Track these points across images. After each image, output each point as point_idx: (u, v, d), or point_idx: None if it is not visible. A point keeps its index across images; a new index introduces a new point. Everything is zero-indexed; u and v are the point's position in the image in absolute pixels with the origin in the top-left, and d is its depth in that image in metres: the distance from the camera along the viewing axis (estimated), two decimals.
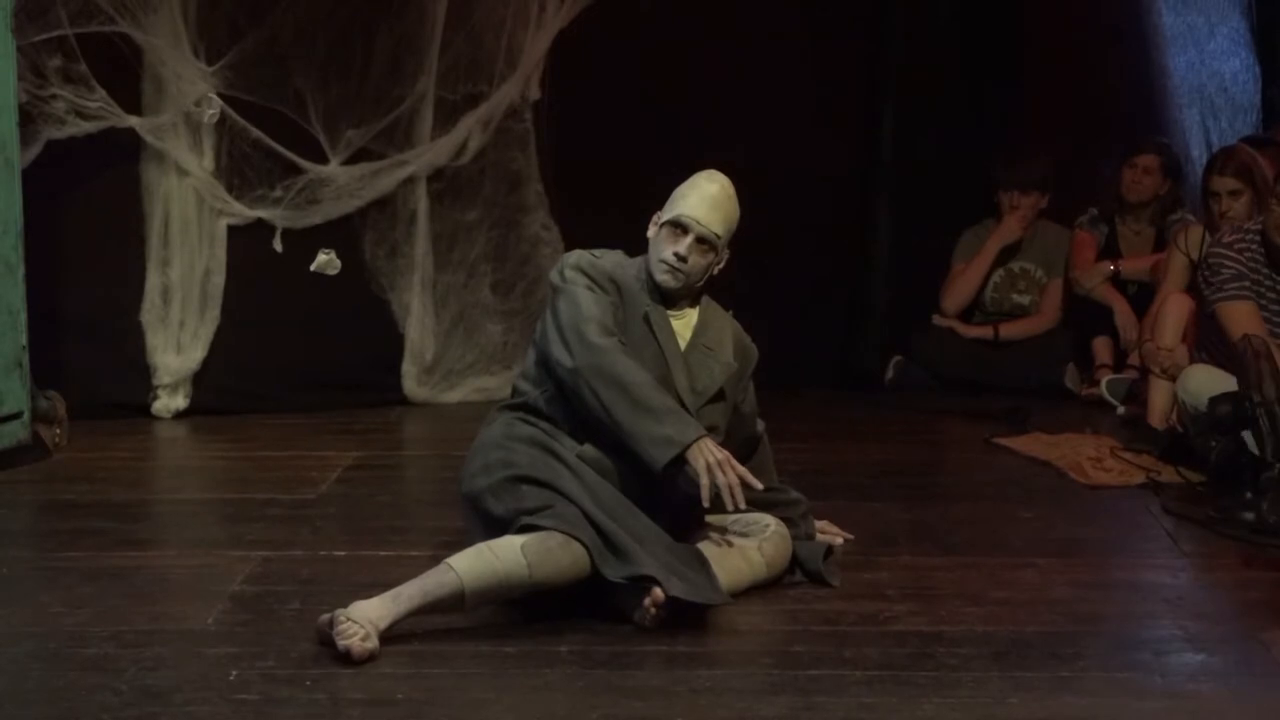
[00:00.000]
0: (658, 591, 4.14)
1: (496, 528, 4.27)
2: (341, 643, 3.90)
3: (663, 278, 4.52)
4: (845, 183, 8.20)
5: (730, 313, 4.76)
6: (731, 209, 4.57)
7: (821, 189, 8.02)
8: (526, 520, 4.21)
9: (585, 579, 4.15)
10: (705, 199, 4.52)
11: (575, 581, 4.15)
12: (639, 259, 4.62)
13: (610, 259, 4.57)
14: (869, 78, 8.26)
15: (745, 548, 4.46)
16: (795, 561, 4.59)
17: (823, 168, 8.01)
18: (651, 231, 4.58)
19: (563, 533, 4.15)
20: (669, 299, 4.57)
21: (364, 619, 3.95)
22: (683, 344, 4.56)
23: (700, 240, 4.51)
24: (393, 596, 4.04)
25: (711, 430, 4.44)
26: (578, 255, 4.56)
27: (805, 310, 8.02)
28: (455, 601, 4.08)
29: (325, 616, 4.00)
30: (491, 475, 4.38)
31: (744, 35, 7.86)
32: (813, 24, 7.98)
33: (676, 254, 4.49)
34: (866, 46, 8.22)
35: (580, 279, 4.48)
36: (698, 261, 4.52)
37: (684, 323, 4.59)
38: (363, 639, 3.91)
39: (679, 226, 4.50)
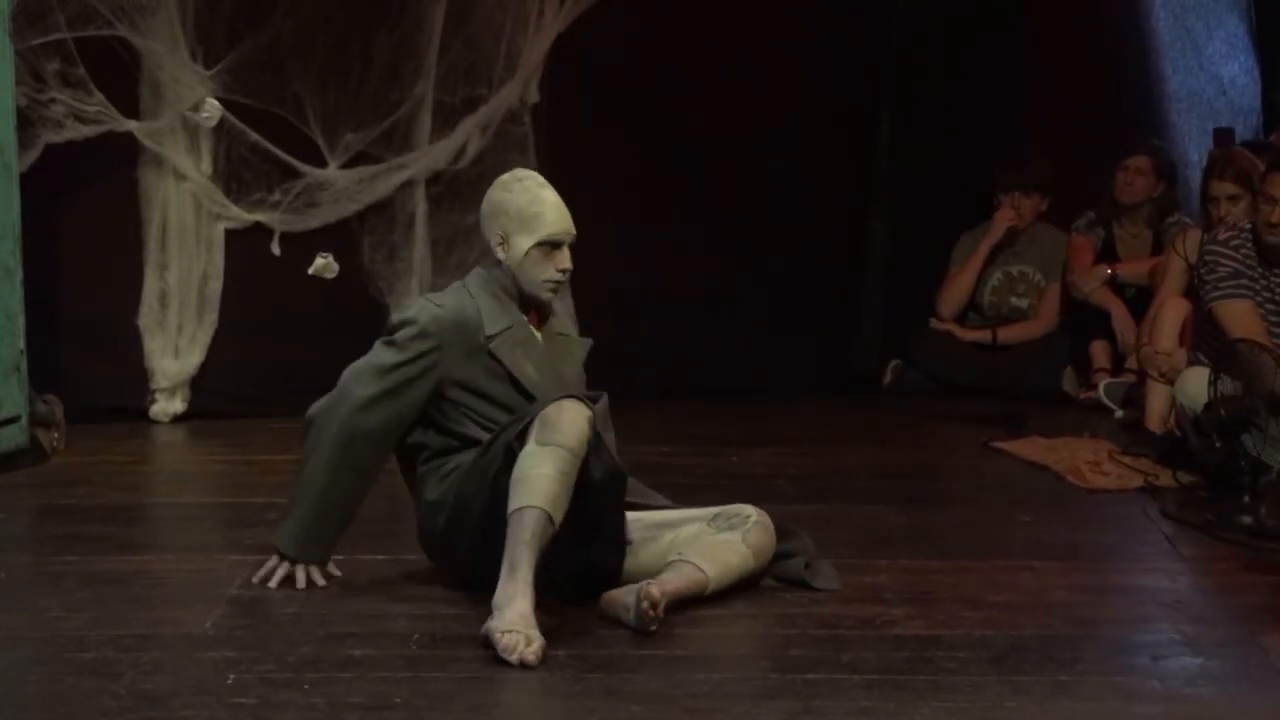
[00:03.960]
0: (653, 591, 4.14)
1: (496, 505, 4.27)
2: (512, 658, 3.90)
3: (549, 296, 4.58)
4: (843, 186, 8.20)
5: None
6: None
7: (819, 192, 8.03)
8: (515, 435, 4.23)
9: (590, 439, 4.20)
10: (556, 207, 4.55)
11: (588, 434, 4.19)
12: (474, 286, 4.58)
13: (452, 301, 4.56)
14: (867, 81, 8.26)
15: (730, 541, 4.47)
16: (784, 579, 4.60)
17: (821, 171, 8.02)
18: (503, 253, 4.54)
19: (544, 407, 4.21)
20: (541, 308, 4.61)
21: (515, 621, 3.95)
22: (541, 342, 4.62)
23: (570, 247, 4.57)
24: (510, 574, 4.04)
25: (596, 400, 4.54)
26: (421, 309, 4.55)
27: (803, 314, 8.02)
28: (549, 528, 4.11)
29: (482, 633, 4.00)
30: (461, 521, 4.43)
31: (742, 38, 7.86)
32: (811, 27, 7.98)
33: (562, 270, 4.54)
34: (865, 50, 8.23)
35: (409, 349, 4.48)
36: None
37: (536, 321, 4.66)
38: (527, 644, 3.91)
39: (553, 245, 4.53)
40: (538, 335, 4.60)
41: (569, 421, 4.18)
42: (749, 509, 4.56)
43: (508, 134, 7.49)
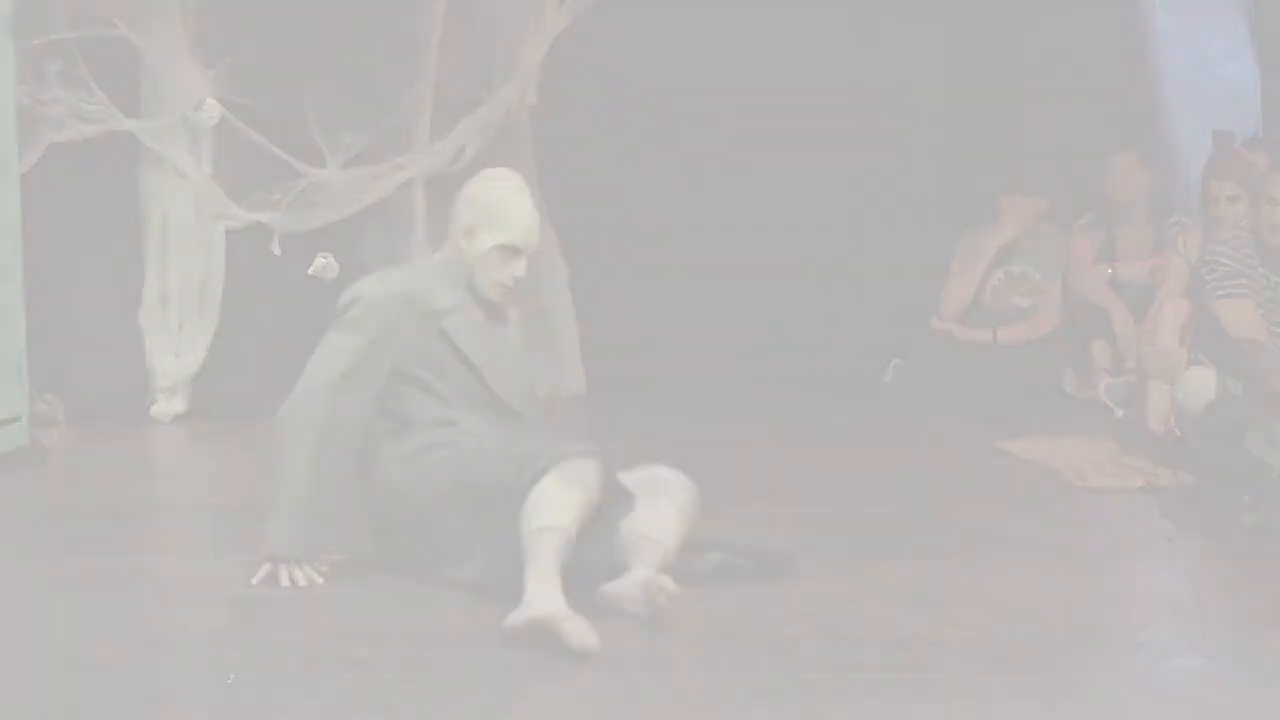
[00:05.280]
0: (666, 582, 4.15)
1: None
2: (576, 643, 3.88)
3: (497, 297, 4.63)
4: (844, 184, 8.21)
5: None
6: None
7: (821, 193, 8.03)
8: (527, 480, 4.23)
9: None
10: (528, 215, 4.59)
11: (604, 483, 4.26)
12: (428, 266, 4.64)
13: (401, 276, 4.63)
14: (867, 80, 8.26)
15: (665, 511, 4.44)
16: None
17: (821, 170, 8.02)
18: (465, 243, 4.57)
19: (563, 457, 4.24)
20: (490, 306, 4.66)
21: (566, 613, 3.94)
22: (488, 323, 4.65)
23: (527, 255, 4.61)
24: (540, 579, 4.05)
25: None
26: (369, 286, 4.59)
27: (804, 313, 8.03)
28: (568, 548, 4.14)
29: (529, 622, 3.98)
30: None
31: (741, 38, 7.87)
32: (810, 26, 7.99)
33: (515, 278, 4.60)
34: (865, 49, 8.24)
35: (366, 326, 4.50)
36: None
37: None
38: (587, 630, 3.91)
39: (513, 250, 4.57)
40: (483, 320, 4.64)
41: (589, 471, 4.24)
42: (662, 469, 4.57)
43: (507, 134, 7.50)
